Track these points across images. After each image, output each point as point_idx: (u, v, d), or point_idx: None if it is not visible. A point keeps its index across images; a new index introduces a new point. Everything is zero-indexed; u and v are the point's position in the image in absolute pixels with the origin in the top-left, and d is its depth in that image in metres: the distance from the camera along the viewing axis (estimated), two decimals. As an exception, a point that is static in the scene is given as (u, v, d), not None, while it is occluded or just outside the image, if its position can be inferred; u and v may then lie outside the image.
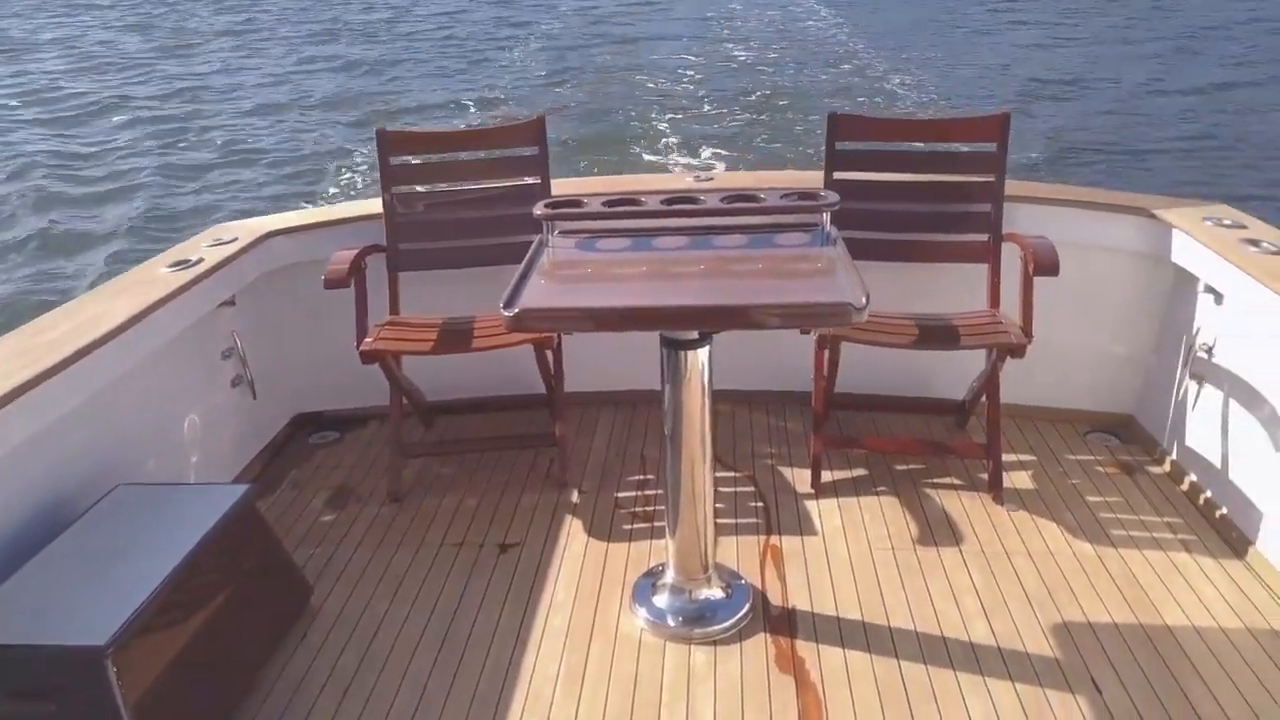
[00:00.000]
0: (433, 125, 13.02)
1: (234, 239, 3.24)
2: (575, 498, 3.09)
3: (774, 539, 2.85)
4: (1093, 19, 22.32)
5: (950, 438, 3.40)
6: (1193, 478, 3.02)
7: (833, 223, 3.14)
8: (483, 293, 2.12)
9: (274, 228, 3.36)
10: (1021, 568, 2.69)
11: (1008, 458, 3.22)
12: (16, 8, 29.64)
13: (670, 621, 2.47)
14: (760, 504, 3.03)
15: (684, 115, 14.06)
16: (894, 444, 3.35)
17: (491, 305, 2.09)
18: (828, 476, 3.15)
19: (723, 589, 2.55)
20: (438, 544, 2.88)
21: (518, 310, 2.01)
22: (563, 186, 3.39)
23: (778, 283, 2.26)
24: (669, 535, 2.48)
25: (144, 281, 2.88)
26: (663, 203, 2.52)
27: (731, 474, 3.21)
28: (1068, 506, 2.97)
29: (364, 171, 11.09)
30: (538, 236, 2.48)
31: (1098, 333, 3.39)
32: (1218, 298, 2.89)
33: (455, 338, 3.04)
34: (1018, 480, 3.12)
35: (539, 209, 2.49)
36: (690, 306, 2.06)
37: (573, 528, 2.93)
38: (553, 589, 2.64)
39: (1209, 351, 2.94)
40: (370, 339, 2.97)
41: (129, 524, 2.26)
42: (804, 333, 3.02)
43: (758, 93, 15.41)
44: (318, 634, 2.51)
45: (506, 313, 2.00)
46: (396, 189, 3.31)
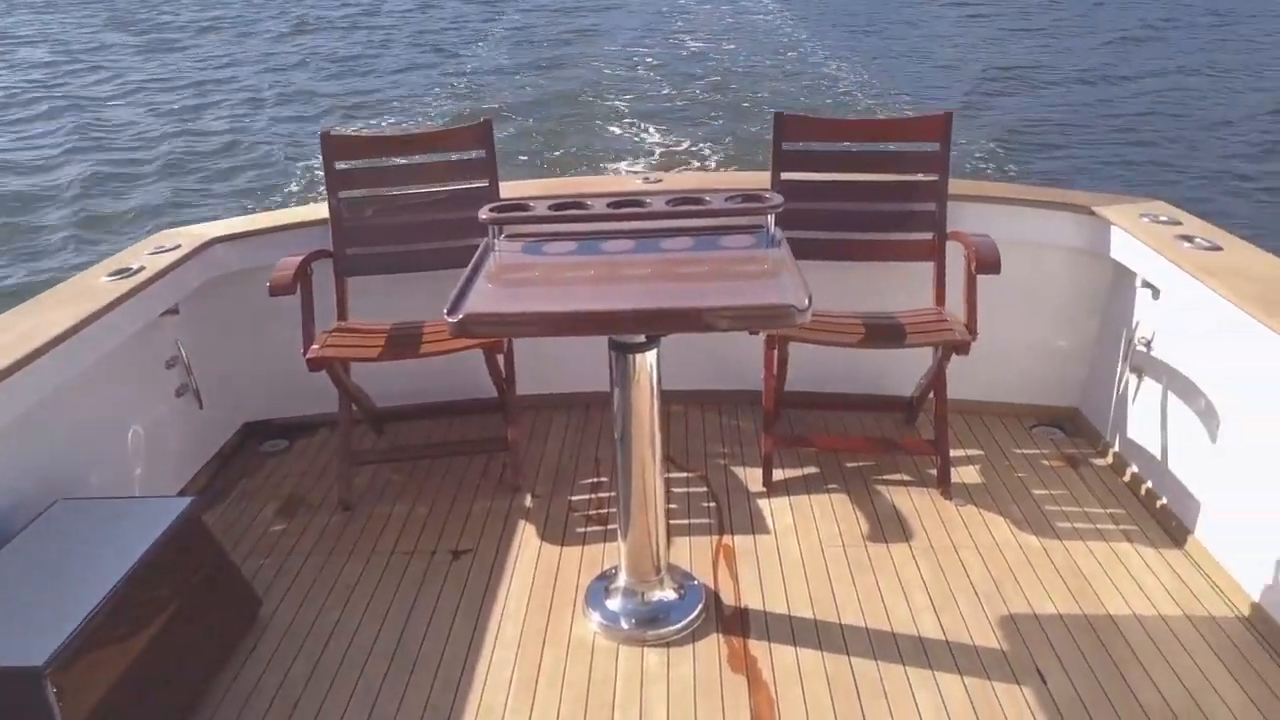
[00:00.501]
0: (380, 129, 12.89)
1: (176, 246, 3.19)
2: (528, 502, 3.08)
3: (726, 538, 2.86)
4: (1041, 15, 22.69)
5: (899, 434, 3.44)
6: (1134, 469, 3.09)
7: (781, 223, 3.17)
8: (432, 297, 2.10)
9: (218, 234, 3.31)
10: (969, 561, 2.73)
11: (956, 453, 3.27)
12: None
13: (623, 624, 2.47)
14: (713, 504, 3.05)
15: (639, 99, 14.52)
16: (844, 442, 3.38)
17: (441, 310, 2.08)
18: (779, 475, 3.18)
19: (675, 590, 2.56)
20: (389, 552, 2.86)
21: (462, 316, 2.00)
22: (511, 189, 3.37)
23: (723, 285, 2.27)
24: (621, 538, 2.49)
25: (83, 291, 2.82)
26: (609, 205, 2.52)
27: (684, 474, 3.23)
28: (1014, 500, 3.02)
29: (311, 176, 10.98)
30: (483, 240, 2.47)
31: (1042, 328, 3.45)
32: (1155, 293, 2.96)
33: (404, 343, 3.01)
34: (965, 475, 3.17)
35: (484, 213, 2.47)
36: (635, 310, 2.06)
37: (525, 533, 2.92)
38: (505, 595, 2.63)
39: (1148, 345, 3.00)
40: (317, 346, 2.94)
41: (68, 540, 2.21)
42: (753, 333, 3.04)
43: (708, 78, 15.95)
44: (267, 646, 2.48)
45: (450, 319, 1.98)
46: (343, 193, 3.28)
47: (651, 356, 2.26)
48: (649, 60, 18.39)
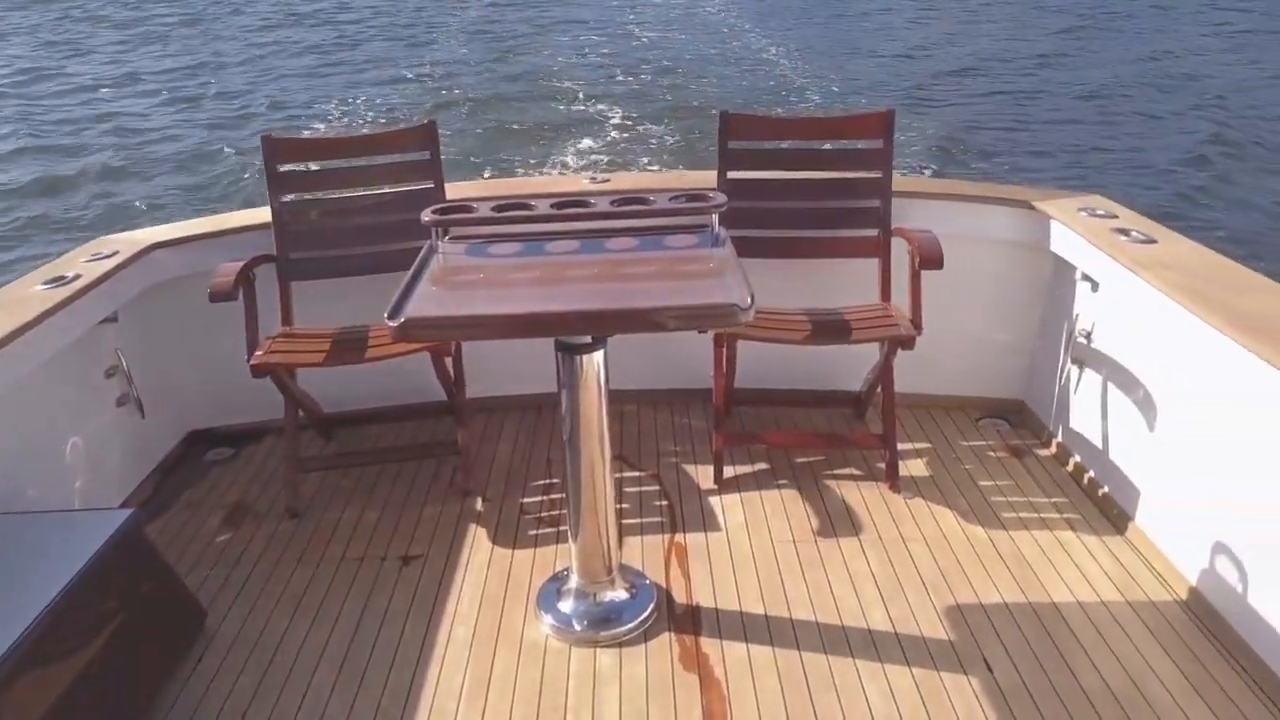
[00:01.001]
0: (323, 131, 12.68)
1: (115, 253, 3.12)
2: (479, 506, 3.07)
3: (678, 537, 2.87)
4: (985, 11, 23.04)
5: (849, 429, 3.48)
6: (1077, 459, 3.15)
7: (728, 221, 3.19)
8: (379, 300, 2.08)
9: (157, 240, 3.25)
10: (917, 553, 2.76)
11: (904, 446, 3.31)
12: None
13: (576, 626, 2.47)
14: (665, 502, 3.05)
15: (593, 91, 14.85)
16: (794, 438, 3.41)
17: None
18: (730, 472, 3.19)
19: (627, 590, 2.56)
20: (338, 559, 2.83)
21: (403, 320, 1.98)
22: (457, 190, 3.35)
23: (667, 285, 2.28)
24: (571, 539, 2.48)
25: (16, 300, 2.76)
26: (553, 206, 2.51)
27: (636, 473, 3.23)
28: (961, 492, 3.07)
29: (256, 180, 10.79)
30: (427, 243, 2.45)
31: (987, 321, 3.50)
32: (1094, 285, 3.01)
33: (350, 348, 2.98)
34: (914, 468, 3.21)
35: (427, 215, 2.45)
36: (578, 311, 2.06)
37: (477, 536, 2.90)
38: (456, 600, 2.62)
39: (1088, 337, 3.06)
40: (261, 352, 2.90)
41: (4, 556, 2.15)
42: (701, 332, 3.05)
43: (651, 66, 16.50)
44: (214, 657, 2.44)
45: (391, 323, 1.96)
46: (286, 197, 3.24)
47: (598, 357, 2.25)
48: (603, 50, 18.94)
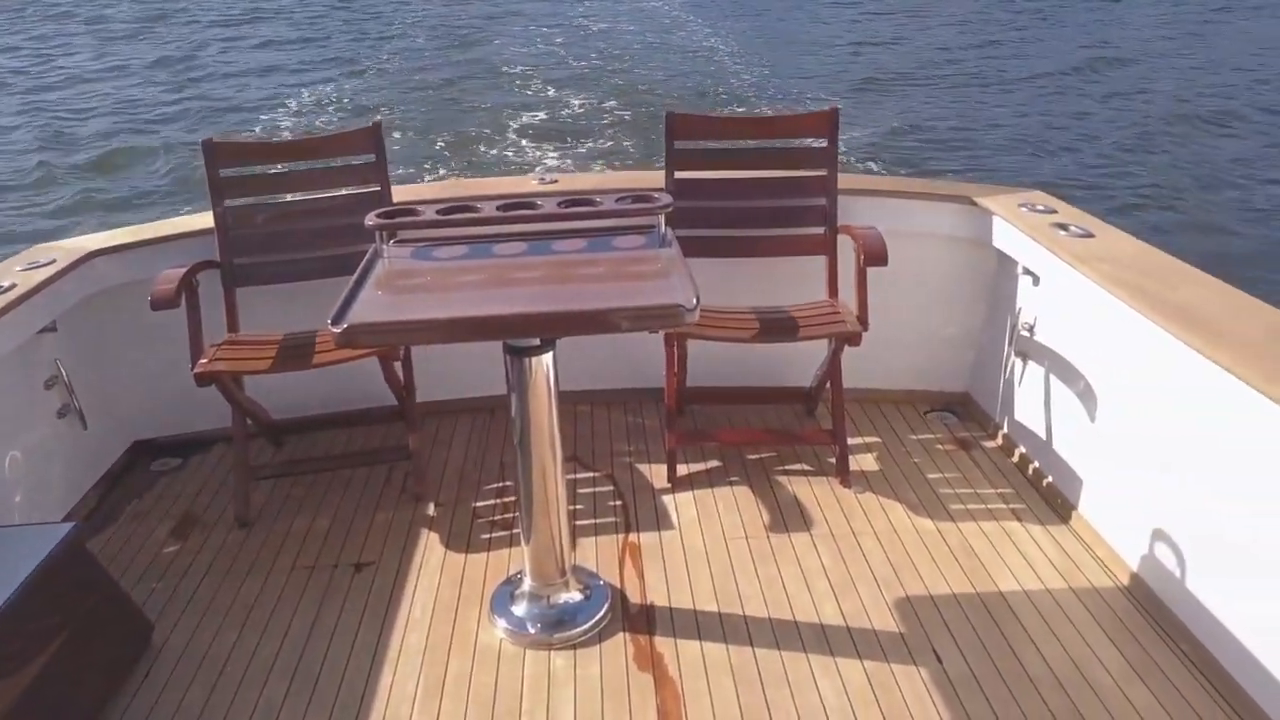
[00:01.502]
0: (265, 134, 12.48)
1: (52, 261, 3.05)
2: (432, 511, 3.05)
3: (632, 536, 2.88)
4: (932, 10, 23.36)
5: (799, 426, 3.51)
6: (1022, 450, 3.21)
7: (676, 221, 3.20)
8: (327, 305, 2.06)
9: (96, 247, 3.18)
10: (868, 547, 2.80)
11: (854, 441, 3.35)
12: None
13: (530, 629, 2.47)
14: (619, 502, 3.06)
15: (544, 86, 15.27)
16: (745, 435, 3.44)
17: None
18: (683, 470, 3.21)
19: (581, 591, 2.57)
20: (289, 568, 2.80)
21: (346, 326, 1.96)
22: (404, 193, 3.33)
23: (613, 286, 2.28)
24: (524, 542, 2.48)
25: None
26: (499, 208, 2.50)
27: (590, 474, 3.23)
28: (910, 485, 3.11)
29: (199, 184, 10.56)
30: (371, 247, 2.43)
31: (933, 316, 3.55)
32: (1035, 279, 3.07)
33: (297, 354, 2.94)
34: (864, 462, 3.24)
35: (371, 219, 2.43)
36: (522, 314, 2.06)
37: (429, 542, 2.89)
38: (409, 606, 2.60)
39: (1030, 330, 3.12)
40: (205, 360, 2.85)
41: None
42: (651, 331, 3.06)
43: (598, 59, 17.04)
44: (161, 672, 2.40)
45: (334, 329, 1.94)
46: (229, 201, 3.19)
47: (547, 359, 2.25)
48: (557, 40, 19.69)
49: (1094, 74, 16.16)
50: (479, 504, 3.08)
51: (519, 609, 2.52)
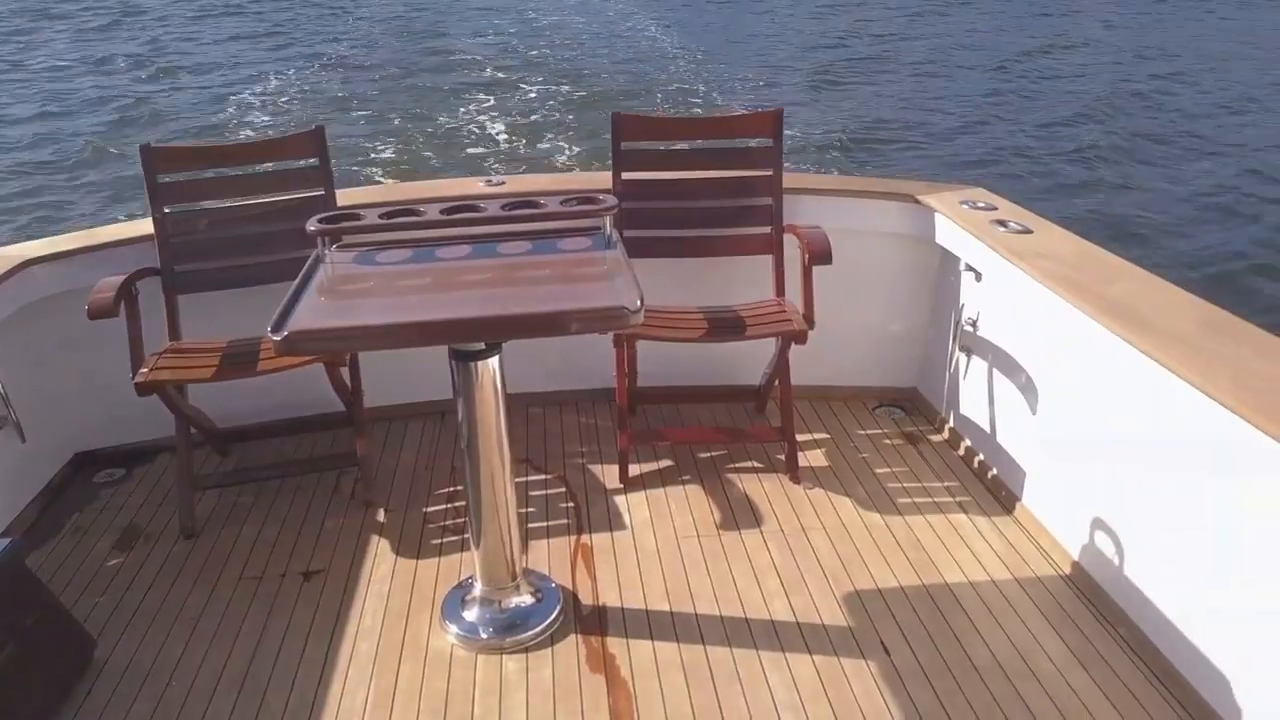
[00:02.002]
0: (206, 139, 12.31)
1: None
2: (381, 517, 3.02)
3: (584, 538, 2.88)
4: (876, 8, 23.63)
5: (750, 423, 3.53)
6: (968, 443, 3.26)
7: (626, 222, 3.20)
8: (271, 312, 2.03)
9: (31, 256, 3.11)
10: (818, 543, 2.83)
11: (803, 437, 3.38)
12: None
13: (482, 634, 2.46)
14: (571, 504, 3.06)
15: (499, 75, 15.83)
16: (696, 433, 3.45)
17: None
18: (635, 470, 3.21)
19: (533, 594, 2.56)
20: (235, 578, 2.76)
21: (286, 333, 1.93)
22: (348, 197, 3.29)
23: (558, 289, 2.28)
24: (474, 547, 2.47)
25: None
26: (443, 212, 2.49)
27: (542, 476, 3.23)
28: (859, 480, 3.15)
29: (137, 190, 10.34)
30: (313, 252, 2.40)
31: (880, 312, 3.60)
32: (977, 275, 3.12)
33: (241, 361, 2.90)
34: (813, 459, 3.28)
35: (312, 224, 2.41)
36: (466, 318, 2.05)
37: (380, 548, 2.86)
38: (359, 614, 2.58)
39: (974, 325, 3.17)
40: (146, 369, 2.80)
41: None
42: (601, 332, 3.06)
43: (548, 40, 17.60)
44: (104, 688, 2.36)
45: (274, 337, 1.92)
46: (168, 208, 3.14)
47: (494, 363, 2.24)
48: (511, 32, 20.35)
49: (1039, 70, 16.50)
50: (430, 509, 3.06)
51: (470, 614, 2.51)
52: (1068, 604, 2.55)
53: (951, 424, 3.39)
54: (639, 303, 1.99)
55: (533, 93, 15.08)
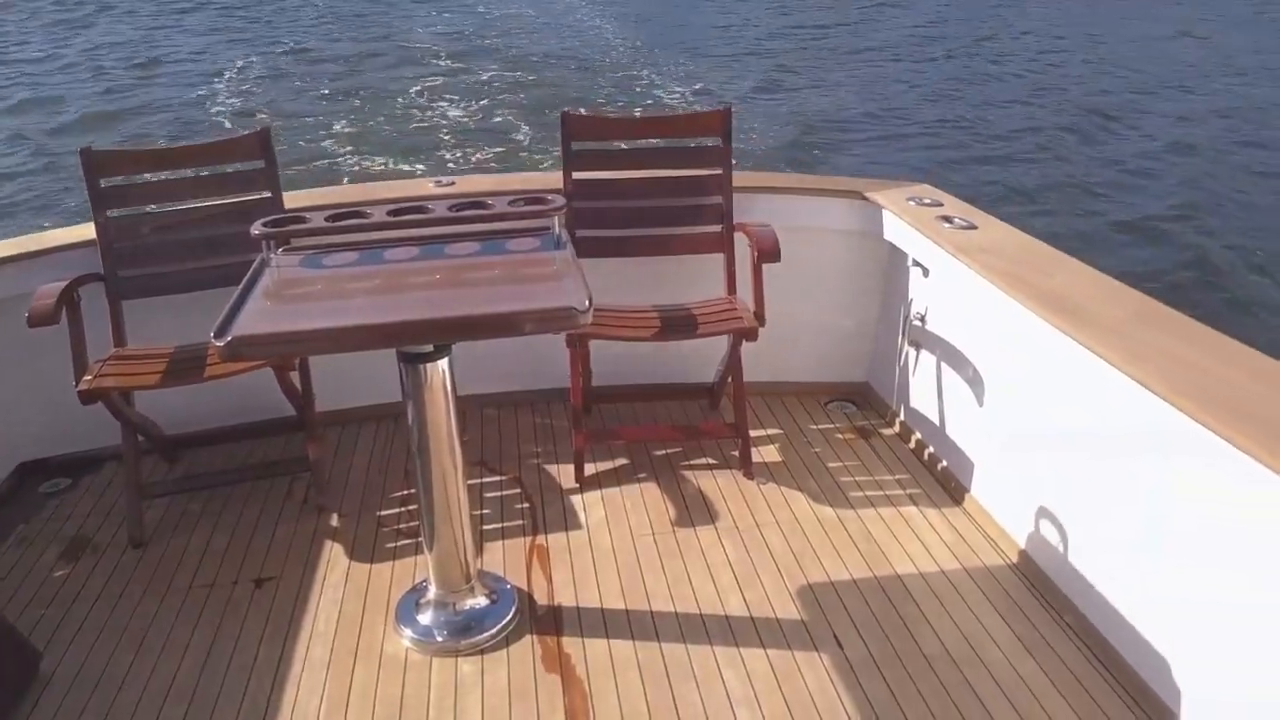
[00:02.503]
0: (147, 142, 12.07)
1: None
2: (334, 522, 3.00)
3: (540, 538, 2.88)
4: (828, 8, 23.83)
5: (704, 420, 3.56)
6: (918, 436, 3.31)
7: (577, 221, 3.21)
8: (219, 316, 2.01)
9: None
10: (771, 538, 2.85)
11: (756, 433, 3.41)
12: None
13: (436, 637, 2.45)
14: (526, 505, 3.06)
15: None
16: (651, 432, 3.47)
17: None
18: (591, 470, 3.22)
19: (487, 596, 2.56)
20: (186, 587, 2.72)
21: (230, 339, 1.91)
22: (296, 199, 3.26)
23: (506, 290, 2.28)
24: (427, 550, 2.46)
25: None
26: (389, 213, 2.48)
27: (497, 478, 3.22)
28: (812, 475, 3.18)
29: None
30: (258, 256, 2.38)
31: (831, 309, 3.64)
32: (924, 271, 3.17)
33: (188, 367, 2.87)
34: (767, 454, 3.31)
35: (256, 228, 2.38)
36: (413, 321, 2.04)
37: (333, 553, 2.84)
38: (313, 620, 2.56)
39: (922, 320, 3.22)
40: (90, 377, 2.76)
41: None
42: (551, 333, 3.07)
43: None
44: (50, 702, 2.32)
45: (218, 342, 1.90)
46: (110, 212, 3.08)
47: (443, 365, 2.24)
48: (463, 23, 21.08)
49: (987, 67, 16.75)
50: (383, 513, 3.04)
51: (425, 617, 2.50)
52: (1015, 592, 2.61)
53: (902, 418, 3.43)
54: (587, 303, 1.99)
55: (484, 75, 16.19)
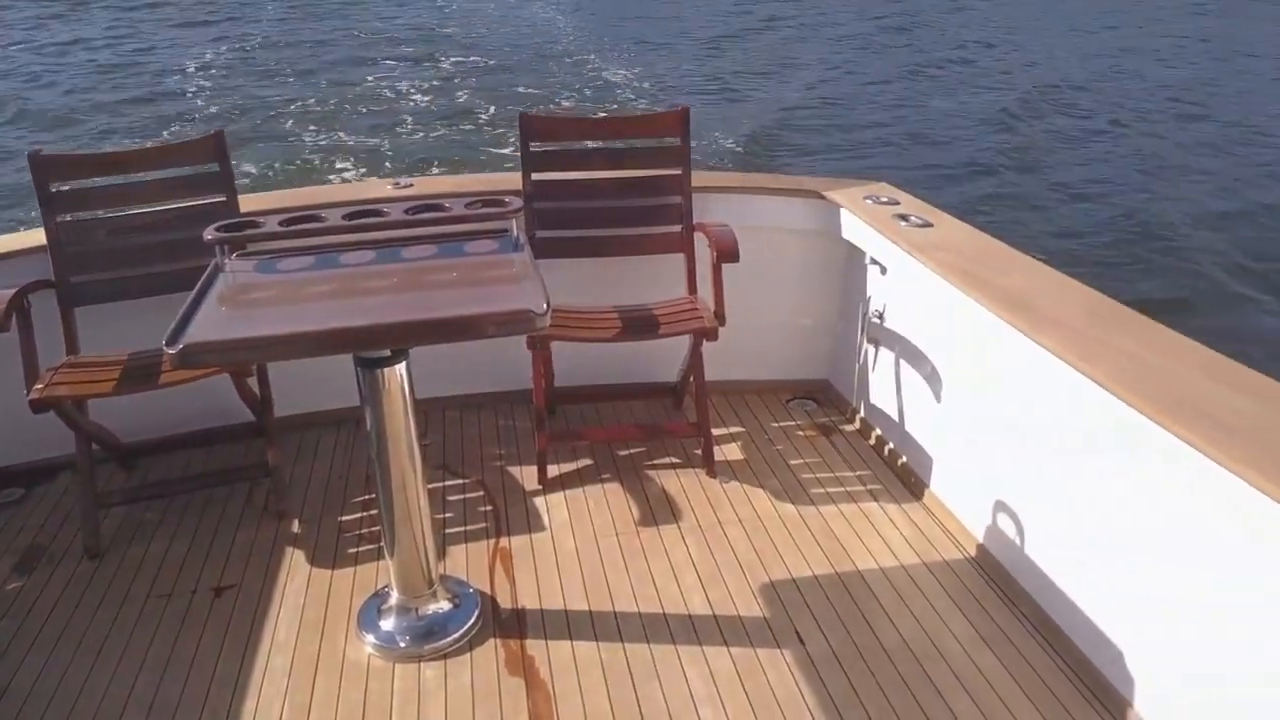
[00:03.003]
0: (99, 146, 11.91)
1: None
2: (295, 528, 2.98)
3: (503, 541, 2.88)
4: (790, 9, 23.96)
5: (667, 419, 3.57)
6: (878, 432, 3.34)
7: (538, 222, 3.20)
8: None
9: None
10: (734, 536, 2.87)
11: (719, 432, 3.42)
12: None
13: (399, 642, 2.44)
14: (489, 508, 3.05)
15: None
16: (614, 432, 3.47)
17: None
18: (554, 471, 3.22)
19: (450, 601, 2.55)
20: (143, 597, 2.69)
21: (182, 346, 1.89)
22: (251, 202, 3.23)
23: (463, 293, 2.27)
24: (388, 555, 2.45)
25: None
26: (345, 217, 2.46)
27: (460, 480, 3.21)
28: (773, 472, 3.20)
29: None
30: (212, 261, 2.35)
31: (791, 307, 3.66)
32: (882, 269, 3.20)
33: (143, 374, 2.83)
34: (729, 453, 3.32)
35: (209, 233, 2.36)
36: (369, 326, 2.03)
37: (294, 560, 2.82)
38: (273, 628, 2.54)
39: (880, 317, 3.25)
40: (41, 385, 2.71)
41: None
42: (510, 335, 3.06)
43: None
44: (5, 714, 2.28)
45: (170, 350, 1.87)
46: (62, 217, 3.03)
47: (400, 369, 2.22)
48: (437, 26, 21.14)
49: (942, 65, 16.92)
50: (345, 518, 3.02)
51: (387, 623, 2.49)
52: (974, 586, 2.64)
53: (862, 414, 3.47)
54: (545, 305, 1.99)
55: (447, 63, 16.73)
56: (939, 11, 23.34)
